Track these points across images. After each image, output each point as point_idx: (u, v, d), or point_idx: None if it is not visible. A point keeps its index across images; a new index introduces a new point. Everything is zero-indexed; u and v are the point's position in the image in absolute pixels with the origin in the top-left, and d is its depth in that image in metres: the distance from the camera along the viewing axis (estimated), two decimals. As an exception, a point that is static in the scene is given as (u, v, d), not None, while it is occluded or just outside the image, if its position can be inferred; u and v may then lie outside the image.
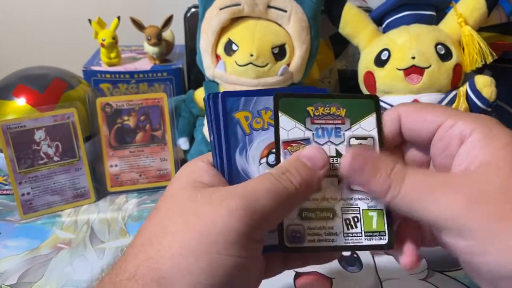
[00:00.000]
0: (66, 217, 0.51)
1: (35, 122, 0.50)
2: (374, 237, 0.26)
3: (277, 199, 0.23)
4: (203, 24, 0.54)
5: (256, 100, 0.27)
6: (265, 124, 0.27)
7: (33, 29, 0.81)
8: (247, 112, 0.26)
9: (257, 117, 0.27)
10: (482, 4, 0.49)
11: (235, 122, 0.26)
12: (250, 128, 0.26)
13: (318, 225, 0.25)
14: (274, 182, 0.23)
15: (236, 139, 0.26)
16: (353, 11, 0.54)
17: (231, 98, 0.26)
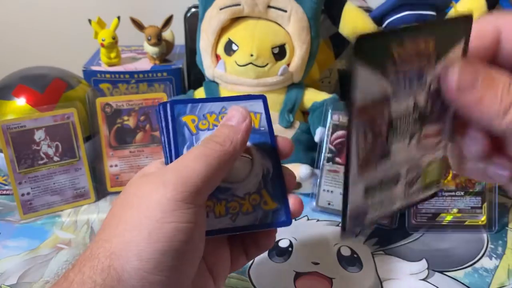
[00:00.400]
0: (66, 217, 0.51)
1: (35, 122, 0.50)
2: (429, 189, 0.26)
3: (206, 162, 0.25)
4: (203, 24, 0.54)
5: (202, 106, 0.30)
6: (210, 125, 0.30)
7: (33, 29, 0.81)
8: (194, 115, 0.30)
9: (203, 119, 0.30)
10: (482, 4, 0.49)
11: (183, 124, 0.30)
12: (196, 128, 0.30)
13: (381, 198, 0.24)
14: (201, 148, 0.26)
15: (184, 138, 0.29)
16: (353, 11, 0.54)
17: (178, 105, 0.30)
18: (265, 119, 0.32)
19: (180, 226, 0.24)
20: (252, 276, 0.42)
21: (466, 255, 0.44)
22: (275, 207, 0.30)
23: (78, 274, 0.23)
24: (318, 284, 0.41)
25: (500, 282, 0.41)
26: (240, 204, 0.30)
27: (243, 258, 0.33)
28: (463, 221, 0.47)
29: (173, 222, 0.23)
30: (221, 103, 0.31)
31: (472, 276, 0.42)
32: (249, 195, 0.30)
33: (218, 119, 0.30)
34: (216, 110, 0.31)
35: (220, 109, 0.31)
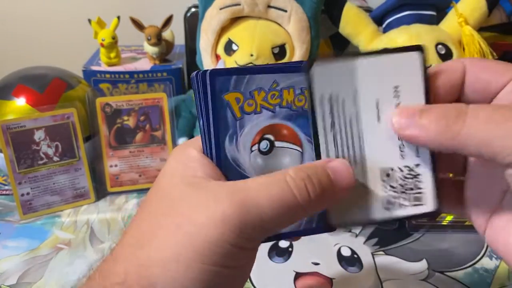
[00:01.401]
0: (66, 217, 0.51)
1: (35, 122, 0.50)
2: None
3: (281, 210, 0.20)
4: (203, 24, 0.54)
5: (249, 79, 0.24)
6: (257, 106, 0.24)
7: (33, 29, 0.81)
8: (238, 93, 0.24)
9: (250, 98, 0.24)
10: (482, 4, 0.49)
11: (225, 104, 0.23)
12: (241, 111, 0.24)
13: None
14: (284, 188, 0.20)
15: (226, 123, 0.23)
16: (353, 11, 0.54)
17: (220, 78, 0.23)
18: None
19: (228, 271, 0.20)
20: (252, 276, 0.42)
21: (466, 255, 0.44)
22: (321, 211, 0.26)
23: None
24: (318, 284, 0.41)
25: (501, 282, 0.41)
26: None
27: None
28: (463, 221, 0.47)
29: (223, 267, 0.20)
30: (272, 76, 0.24)
31: (472, 276, 0.42)
32: None
33: (267, 98, 0.24)
34: (265, 85, 0.24)
35: (271, 84, 0.24)
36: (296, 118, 0.24)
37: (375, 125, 0.23)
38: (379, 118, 0.23)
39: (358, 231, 0.48)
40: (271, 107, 0.24)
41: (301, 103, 0.24)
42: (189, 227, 0.20)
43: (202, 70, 0.23)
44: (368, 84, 0.23)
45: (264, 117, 0.24)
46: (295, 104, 0.24)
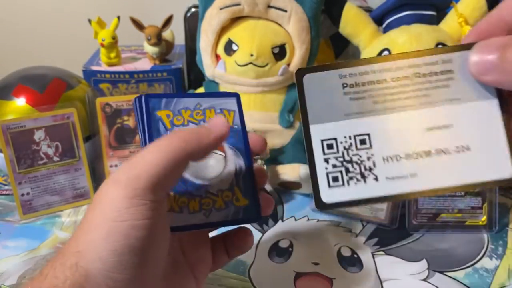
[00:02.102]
0: (66, 217, 0.51)
1: (35, 122, 0.50)
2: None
3: (165, 154, 0.24)
4: (203, 24, 0.54)
5: (176, 101, 0.30)
6: (185, 121, 0.30)
7: (33, 29, 0.81)
8: (168, 111, 0.30)
9: (178, 115, 0.30)
10: (482, 4, 0.49)
11: (157, 119, 0.30)
12: (171, 124, 0.30)
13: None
14: (166, 138, 0.25)
15: (158, 133, 0.29)
16: (353, 11, 0.54)
17: (153, 99, 0.30)
18: (239, 117, 0.32)
19: (135, 224, 0.24)
20: (252, 276, 0.42)
21: (466, 256, 0.44)
22: (246, 204, 0.31)
23: (50, 269, 0.24)
24: (318, 284, 0.41)
25: (501, 282, 0.41)
26: (213, 200, 0.30)
27: (224, 257, 0.34)
28: (464, 221, 0.47)
29: (127, 220, 0.23)
30: (196, 99, 0.31)
31: (473, 276, 0.42)
32: (221, 192, 0.31)
33: (192, 115, 0.31)
34: (191, 106, 0.31)
35: (195, 105, 0.31)
36: None
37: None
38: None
39: (358, 231, 0.48)
40: (197, 122, 0.31)
41: None
42: (96, 201, 0.25)
43: (139, 95, 0.30)
44: None
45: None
46: None
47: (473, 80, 0.24)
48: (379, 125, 0.25)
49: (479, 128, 0.24)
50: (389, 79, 0.25)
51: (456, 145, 0.24)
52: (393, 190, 0.24)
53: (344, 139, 0.25)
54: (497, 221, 0.47)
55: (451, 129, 0.24)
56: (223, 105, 0.32)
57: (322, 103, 0.25)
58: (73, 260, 0.23)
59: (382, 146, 0.25)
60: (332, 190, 0.25)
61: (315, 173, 0.25)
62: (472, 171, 0.24)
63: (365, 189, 0.24)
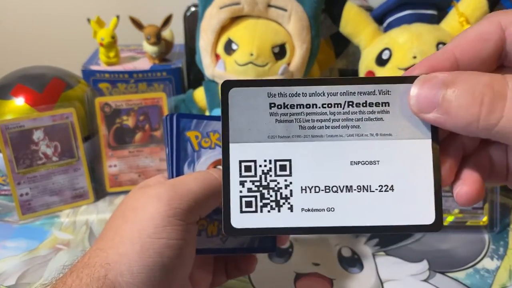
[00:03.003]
0: (65, 217, 0.51)
1: (34, 122, 0.50)
2: None
3: (203, 186, 0.26)
4: (203, 23, 0.54)
5: (206, 123, 0.31)
6: (212, 144, 0.31)
7: (32, 28, 0.80)
8: (197, 132, 0.31)
9: (206, 137, 0.31)
10: (483, 3, 0.49)
11: (186, 139, 0.30)
12: (199, 146, 0.31)
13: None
14: (203, 172, 0.27)
15: (186, 153, 0.30)
16: (354, 10, 0.54)
17: (184, 119, 0.30)
18: None
19: (170, 243, 0.24)
20: (252, 277, 0.41)
21: (467, 256, 0.44)
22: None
23: (76, 279, 0.23)
24: (319, 285, 0.41)
25: (502, 283, 0.41)
26: None
27: (223, 277, 0.34)
28: (464, 222, 0.47)
29: (163, 239, 0.24)
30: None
31: (474, 277, 0.42)
32: None
33: (220, 138, 0.31)
34: (219, 129, 0.30)
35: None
36: None
37: None
38: None
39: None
40: None
41: None
42: (132, 213, 0.25)
43: (170, 113, 0.31)
44: None
45: (217, 152, 0.31)
46: None
47: (409, 116, 0.22)
48: (303, 152, 0.23)
49: (407, 169, 0.22)
50: (320, 105, 0.23)
51: (380, 183, 0.23)
52: (307, 223, 0.23)
53: (264, 162, 0.23)
54: (498, 222, 0.46)
55: (377, 165, 0.23)
56: None
57: (246, 121, 0.23)
58: (102, 272, 0.23)
59: (302, 175, 0.23)
60: (243, 215, 0.23)
61: (228, 195, 0.23)
62: (393, 213, 0.22)
63: (278, 218, 0.23)
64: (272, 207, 0.23)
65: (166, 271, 0.24)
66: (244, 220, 0.23)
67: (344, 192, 0.23)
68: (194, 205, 0.25)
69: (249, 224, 0.23)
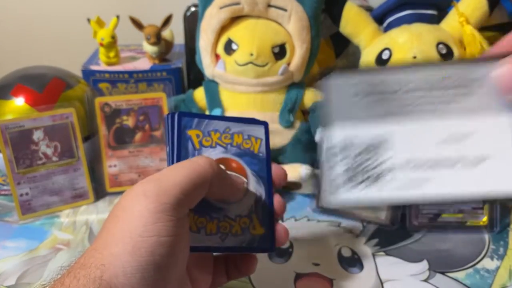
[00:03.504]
0: (65, 217, 0.51)
1: (34, 122, 0.50)
2: None
3: (190, 174, 0.25)
4: (203, 23, 0.54)
5: (208, 122, 0.31)
6: (213, 143, 0.31)
7: (32, 28, 0.80)
8: (199, 131, 0.31)
9: (207, 136, 0.31)
10: (483, 3, 0.49)
11: (187, 137, 0.30)
12: (200, 144, 0.31)
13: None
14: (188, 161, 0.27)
15: (187, 152, 0.30)
16: (354, 10, 0.54)
17: (185, 118, 0.31)
18: (265, 146, 0.33)
19: (161, 240, 0.24)
20: (252, 277, 0.41)
21: (467, 256, 0.44)
22: (262, 233, 0.31)
23: (73, 280, 0.23)
24: (319, 285, 0.41)
25: (502, 283, 0.41)
26: (230, 225, 0.30)
27: (223, 277, 0.34)
28: (465, 222, 0.47)
29: (153, 236, 0.24)
30: (226, 123, 0.32)
31: (474, 277, 0.42)
32: (239, 218, 0.31)
33: (221, 138, 0.31)
34: (220, 128, 0.31)
35: (225, 128, 0.31)
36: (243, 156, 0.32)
37: None
38: None
39: (358, 232, 0.48)
40: (224, 145, 0.31)
41: (247, 145, 0.32)
42: (122, 214, 0.25)
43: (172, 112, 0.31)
44: None
45: (217, 151, 0.31)
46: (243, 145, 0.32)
47: (493, 94, 0.24)
48: (399, 131, 0.25)
49: (498, 140, 0.24)
50: (413, 88, 0.25)
51: (474, 154, 0.24)
52: (407, 194, 0.24)
53: (363, 141, 0.25)
54: (498, 222, 0.46)
55: (470, 139, 0.25)
56: (251, 132, 0.32)
57: (346, 104, 0.26)
58: (98, 273, 0.23)
59: (401, 151, 0.25)
60: (346, 189, 0.25)
61: (330, 172, 0.25)
62: (490, 181, 0.24)
63: (377, 191, 0.25)
64: (370, 181, 0.25)
65: (160, 270, 0.24)
66: (347, 193, 0.26)
67: (441, 165, 0.25)
68: (182, 197, 0.25)
69: (349, 197, 0.26)
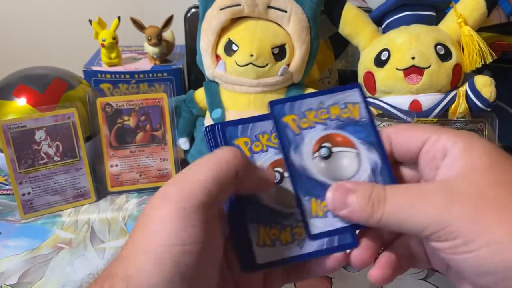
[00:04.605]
0: (67, 217, 0.51)
1: (36, 122, 0.50)
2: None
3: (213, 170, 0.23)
4: (203, 24, 0.54)
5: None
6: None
7: (34, 29, 0.81)
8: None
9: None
10: (481, 4, 0.49)
11: (285, 125, 0.28)
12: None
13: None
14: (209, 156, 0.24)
15: (288, 140, 0.28)
16: (353, 11, 0.54)
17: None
18: (365, 108, 0.29)
19: (186, 248, 0.22)
20: (252, 275, 0.42)
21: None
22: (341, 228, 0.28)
23: None
24: (318, 283, 0.41)
25: (500, 281, 0.41)
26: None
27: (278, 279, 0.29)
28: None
29: (177, 245, 0.22)
30: (318, 98, 0.29)
31: (472, 275, 0.42)
32: None
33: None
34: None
35: (318, 104, 0.29)
36: (345, 127, 0.29)
37: None
38: None
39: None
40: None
41: (346, 114, 0.29)
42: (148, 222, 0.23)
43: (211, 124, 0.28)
44: None
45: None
46: (342, 116, 0.29)
47: None
48: None
49: None
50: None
51: None
52: None
53: None
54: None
55: None
56: (346, 99, 0.29)
57: None
58: (123, 285, 0.22)
59: None
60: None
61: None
62: None
63: None
64: None
65: (187, 281, 0.22)
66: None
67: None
68: (206, 198, 0.22)
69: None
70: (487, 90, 0.48)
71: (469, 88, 0.48)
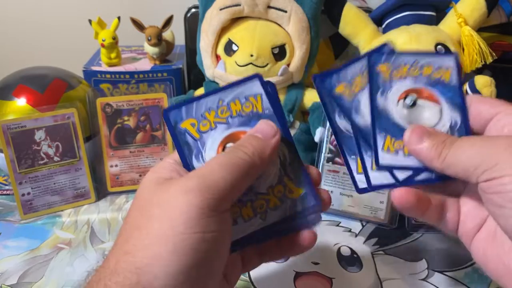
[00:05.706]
0: (66, 217, 0.51)
1: (36, 122, 0.50)
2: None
3: (232, 170, 0.24)
4: (203, 24, 0.54)
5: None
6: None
7: (34, 29, 0.81)
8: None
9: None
10: (482, 4, 0.49)
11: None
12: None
13: None
14: (227, 156, 0.25)
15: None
16: (353, 11, 0.54)
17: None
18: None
19: (206, 236, 0.23)
20: (252, 276, 0.42)
21: (466, 255, 0.44)
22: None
23: None
24: (318, 284, 0.41)
25: (500, 282, 0.41)
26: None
27: (255, 259, 0.31)
28: (463, 221, 0.47)
29: (198, 233, 0.22)
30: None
31: (472, 276, 0.42)
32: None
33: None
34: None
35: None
36: (435, 85, 0.30)
37: None
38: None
39: (358, 231, 0.48)
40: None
41: (438, 75, 0.30)
42: (159, 211, 0.23)
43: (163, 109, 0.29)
44: None
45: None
46: (433, 77, 0.30)
47: None
48: None
49: None
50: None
51: None
52: None
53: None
54: (497, 221, 0.47)
55: None
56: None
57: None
58: (134, 279, 0.22)
59: None
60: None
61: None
62: None
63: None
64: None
65: (204, 267, 0.23)
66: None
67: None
68: (225, 193, 0.24)
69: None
70: (487, 90, 0.48)
71: (469, 88, 0.48)
